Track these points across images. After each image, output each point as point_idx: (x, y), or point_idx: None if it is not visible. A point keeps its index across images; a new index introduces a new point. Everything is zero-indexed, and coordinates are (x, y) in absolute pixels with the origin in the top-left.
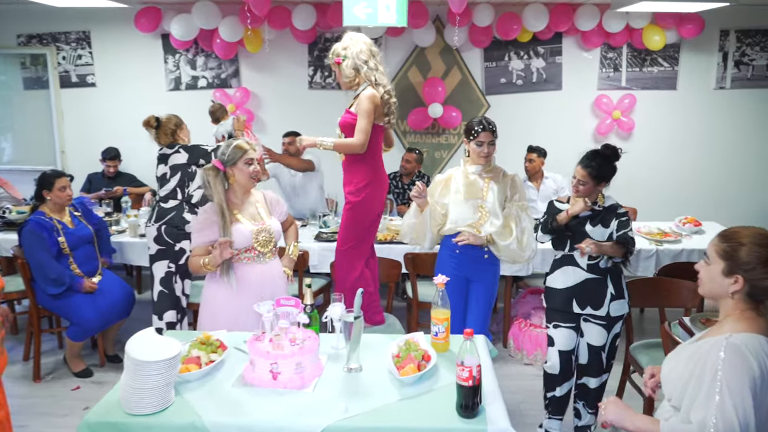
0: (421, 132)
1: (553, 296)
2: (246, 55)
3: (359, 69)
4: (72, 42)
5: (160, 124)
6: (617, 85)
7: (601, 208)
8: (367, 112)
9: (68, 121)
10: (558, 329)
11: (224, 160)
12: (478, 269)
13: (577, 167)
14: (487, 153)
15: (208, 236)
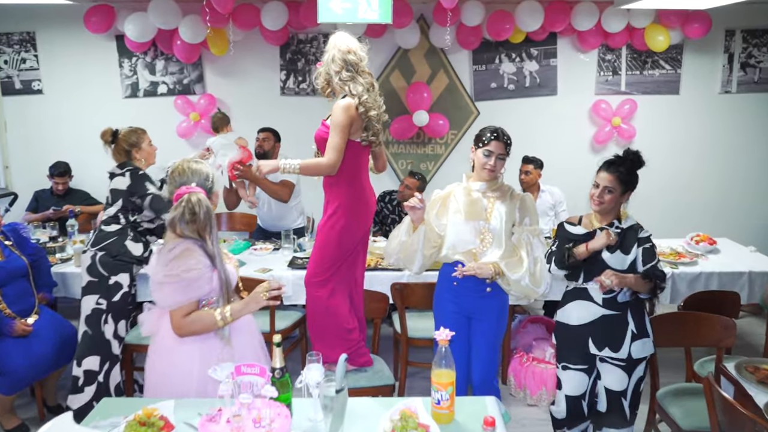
0: (405, 142)
1: (565, 333)
2: (211, 58)
3: (329, 80)
4: (15, 44)
5: (116, 139)
6: (616, 90)
7: (620, 230)
8: (339, 126)
9: (12, 132)
10: (567, 372)
11: (209, 186)
12: (481, 305)
13: (599, 174)
14: (494, 167)
15: (202, 287)
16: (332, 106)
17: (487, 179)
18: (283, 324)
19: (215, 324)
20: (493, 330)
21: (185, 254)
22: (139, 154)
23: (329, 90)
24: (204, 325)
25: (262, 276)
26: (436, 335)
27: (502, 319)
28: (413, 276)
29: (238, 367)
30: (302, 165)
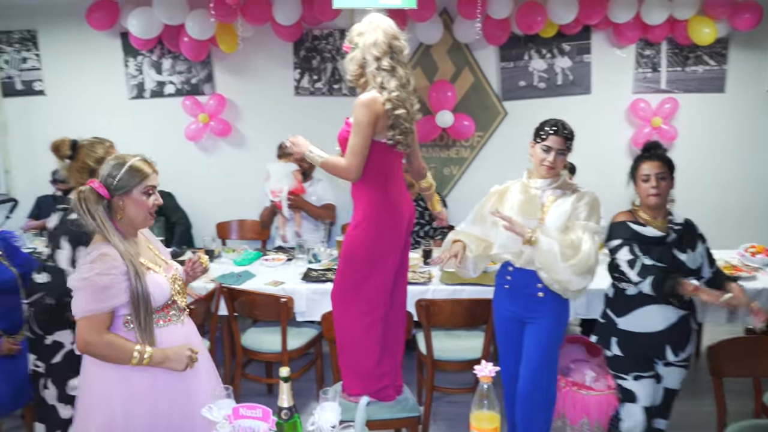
0: (427, 145)
1: (634, 342)
2: (220, 56)
3: (365, 66)
4: (15, 43)
5: (75, 154)
6: (656, 88)
7: (680, 226)
8: (360, 125)
9: (13, 135)
10: (641, 381)
11: (113, 186)
12: (534, 307)
13: (642, 165)
14: (553, 163)
15: (116, 296)
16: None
17: (545, 176)
18: (297, 343)
19: (129, 359)
20: (546, 334)
21: (100, 258)
22: None
23: (363, 80)
24: (116, 355)
25: (272, 290)
26: (476, 370)
27: (558, 324)
28: (440, 291)
29: (236, 409)
30: (323, 162)
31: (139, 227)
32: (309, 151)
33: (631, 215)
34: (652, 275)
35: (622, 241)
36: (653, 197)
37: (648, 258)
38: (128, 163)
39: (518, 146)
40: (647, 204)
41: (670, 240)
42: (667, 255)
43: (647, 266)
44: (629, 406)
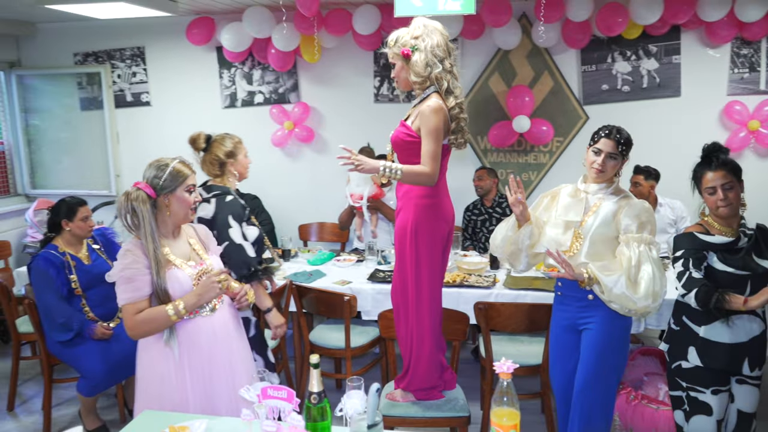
0: (504, 150)
1: (717, 353)
2: (305, 66)
3: (432, 67)
4: (127, 59)
5: (209, 147)
6: (754, 89)
7: (753, 231)
8: (436, 132)
9: (124, 142)
10: (718, 395)
11: (158, 186)
12: (586, 313)
13: (706, 176)
14: (601, 166)
15: (143, 287)
16: (415, 106)
17: (594, 179)
18: (361, 340)
19: (168, 319)
20: (597, 343)
21: (125, 254)
22: (235, 167)
23: (428, 84)
24: (156, 321)
25: (339, 288)
26: (495, 367)
27: (613, 328)
28: (503, 295)
29: (265, 389)
30: (405, 172)
31: (181, 222)
32: (383, 168)
33: (700, 227)
34: (696, 288)
35: (683, 251)
36: (723, 209)
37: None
38: (171, 165)
39: None
40: (718, 215)
41: (743, 245)
42: (748, 262)
43: (693, 279)
44: (702, 420)
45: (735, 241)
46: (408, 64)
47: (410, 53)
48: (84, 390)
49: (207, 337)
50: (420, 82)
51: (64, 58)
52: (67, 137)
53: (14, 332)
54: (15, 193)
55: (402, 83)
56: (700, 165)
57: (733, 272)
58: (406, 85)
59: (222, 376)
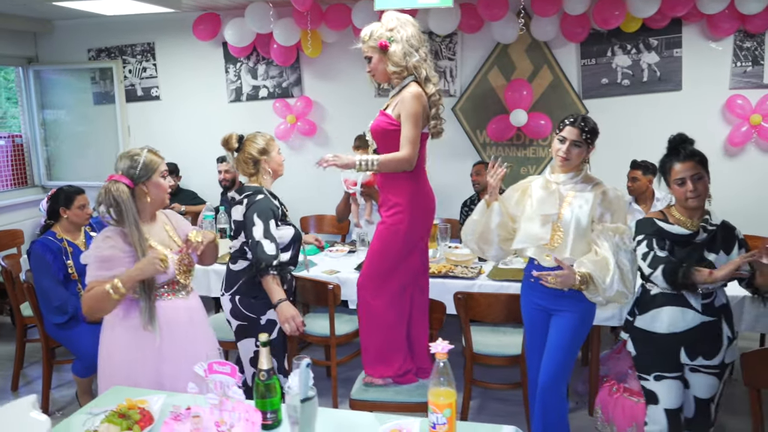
0: (503, 144)
1: (651, 342)
2: (308, 61)
3: (409, 57)
4: (137, 54)
5: (241, 146)
6: (757, 83)
7: (714, 227)
8: (415, 117)
9: (135, 135)
10: (662, 382)
11: (135, 176)
12: (558, 301)
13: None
14: (566, 154)
15: (114, 268)
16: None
17: (560, 168)
18: (346, 329)
19: (108, 296)
20: (568, 329)
21: (105, 239)
22: (269, 164)
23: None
24: (97, 299)
25: (325, 278)
26: (432, 347)
27: (582, 319)
28: (486, 286)
29: (210, 364)
30: (381, 161)
31: (158, 207)
32: (359, 162)
33: (661, 214)
34: (662, 265)
35: (644, 236)
36: (692, 200)
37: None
38: (143, 155)
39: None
40: (686, 206)
41: (700, 240)
42: (695, 255)
43: (658, 257)
44: (652, 409)
45: (693, 234)
46: (386, 56)
47: (388, 44)
48: (79, 371)
49: (183, 318)
50: (398, 72)
51: (79, 54)
52: (82, 131)
53: (18, 316)
54: (32, 184)
55: (380, 75)
56: (668, 156)
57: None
58: (383, 77)
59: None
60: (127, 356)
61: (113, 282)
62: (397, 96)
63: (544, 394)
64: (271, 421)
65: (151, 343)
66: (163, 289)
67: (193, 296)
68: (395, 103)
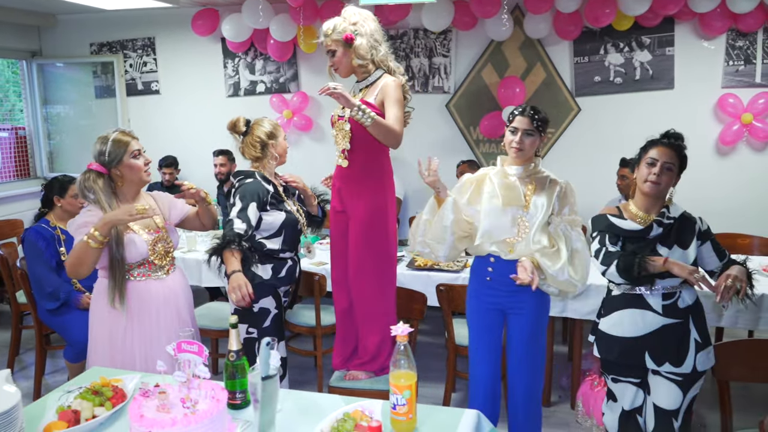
0: (496, 140)
1: (611, 346)
2: (304, 57)
3: (374, 51)
4: (138, 49)
5: (248, 130)
6: (749, 82)
7: (671, 220)
8: (400, 102)
9: (134, 129)
10: (618, 384)
11: (105, 161)
12: (517, 299)
13: (651, 150)
14: (520, 144)
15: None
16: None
17: (514, 159)
18: (331, 319)
19: (86, 246)
20: (532, 326)
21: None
22: (275, 149)
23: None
24: (77, 253)
25: (314, 269)
26: (393, 329)
27: (541, 313)
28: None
29: (179, 343)
30: (375, 120)
31: (138, 186)
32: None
33: (616, 210)
34: (615, 260)
35: (597, 232)
36: (652, 184)
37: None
38: (110, 138)
39: (591, 143)
40: (642, 190)
41: (653, 235)
42: (646, 250)
43: (610, 252)
44: (608, 403)
45: (645, 230)
46: (350, 49)
47: (353, 37)
48: (70, 357)
49: (156, 299)
50: (364, 65)
51: (82, 48)
52: (84, 124)
53: (14, 303)
54: (34, 176)
55: (343, 69)
56: (653, 141)
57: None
58: (346, 71)
59: (169, 338)
60: (102, 335)
61: (90, 232)
62: (370, 87)
63: (530, 402)
64: (240, 401)
65: (120, 323)
66: (137, 270)
67: (172, 277)
68: (375, 92)
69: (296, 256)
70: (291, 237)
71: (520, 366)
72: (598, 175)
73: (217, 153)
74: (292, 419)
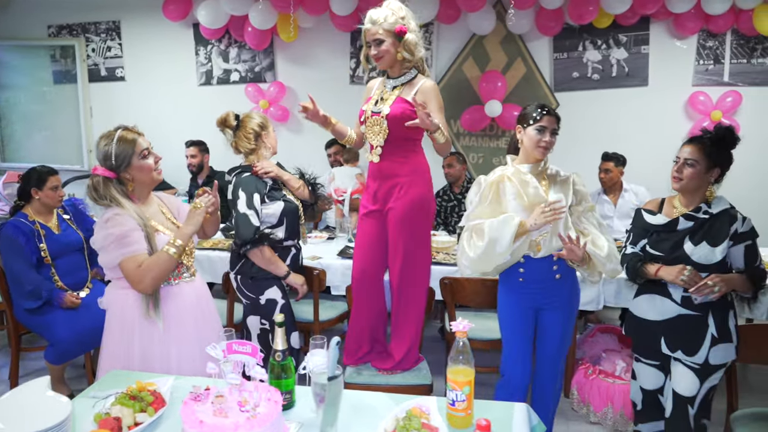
0: (476, 134)
1: (636, 326)
2: (282, 46)
3: (419, 48)
4: (102, 33)
5: (239, 124)
6: (718, 81)
7: (708, 215)
8: (442, 108)
9: (97, 117)
10: (639, 364)
11: (113, 165)
12: (551, 293)
13: (681, 147)
14: (548, 144)
15: (138, 242)
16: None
17: (540, 158)
18: (330, 314)
19: (170, 258)
20: (566, 320)
21: (111, 218)
22: (269, 140)
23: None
24: (159, 265)
25: (310, 263)
26: (452, 326)
27: (574, 307)
28: None
29: (230, 344)
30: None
31: (150, 187)
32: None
33: (658, 202)
34: (626, 262)
35: (632, 227)
36: (674, 180)
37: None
38: (115, 139)
39: (570, 137)
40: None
41: (681, 228)
42: (673, 244)
43: (625, 254)
44: (633, 383)
45: (671, 223)
46: (400, 42)
47: (406, 30)
48: (52, 358)
49: (191, 301)
50: (409, 60)
51: (38, 30)
52: (40, 110)
53: None
54: None
55: (387, 60)
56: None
57: (663, 257)
58: (389, 62)
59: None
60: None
61: (172, 243)
62: (404, 87)
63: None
64: (286, 402)
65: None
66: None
67: (198, 278)
68: (413, 92)
69: (298, 243)
70: (292, 224)
71: (553, 360)
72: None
73: (190, 144)
74: (347, 418)
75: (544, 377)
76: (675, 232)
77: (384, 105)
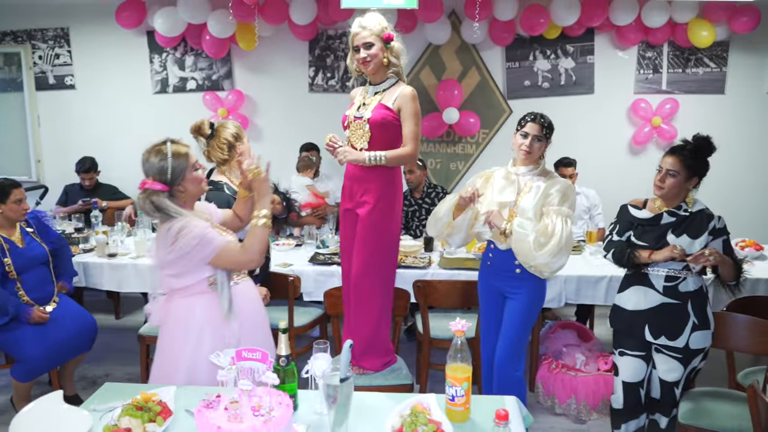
0: (434, 140)
1: (621, 318)
2: (240, 54)
3: (403, 57)
4: (49, 40)
5: (214, 133)
6: (657, 89)
7: (688, 213)
8: (417, 116)
9: (45, 126)
10: (624, 357)
11: (168, 179)
12: (513, 284)
13: (663, 158)
14: (529, 148)
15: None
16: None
17: (523, 161)
18: (303, 320)
19: (264, 229)
20: (520, 311)
21: (186, 225)
22: (241, 149)
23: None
24: (257, 236)
25: (282, 270)
26: (451, 326)
27: (532, 302)
28: (438, 275)
29: (239, 351)
30: (388, 157)
31: (197, 198)
32: (368, 157)
33: (642, 201)
34: (613, 248)
35: (616, 220)
36: (656, 188)
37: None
38: (169, 158)
39: None
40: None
41: (664, 223)
42: (657, 236)
43: (612, 241)
44: (615, 379)
45: (655, 218)
46: (387, 48)
47: (393, 37)
48: (19, 375)
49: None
50: (395, 66)
51: None
52: None
53: None
54: None
55: (376, 64)
56: (671, 147)
57: (648, 247)
58: (377, 67)
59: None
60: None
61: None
62: (385, 92)
63: (501, 370)
64: None
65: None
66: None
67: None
68: (393, 98)
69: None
70: None
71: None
72: None
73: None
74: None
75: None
76: (659, 226)
77: (366, 110)
